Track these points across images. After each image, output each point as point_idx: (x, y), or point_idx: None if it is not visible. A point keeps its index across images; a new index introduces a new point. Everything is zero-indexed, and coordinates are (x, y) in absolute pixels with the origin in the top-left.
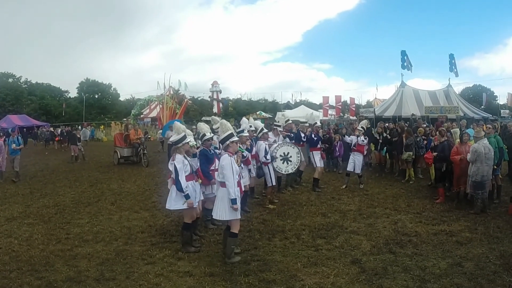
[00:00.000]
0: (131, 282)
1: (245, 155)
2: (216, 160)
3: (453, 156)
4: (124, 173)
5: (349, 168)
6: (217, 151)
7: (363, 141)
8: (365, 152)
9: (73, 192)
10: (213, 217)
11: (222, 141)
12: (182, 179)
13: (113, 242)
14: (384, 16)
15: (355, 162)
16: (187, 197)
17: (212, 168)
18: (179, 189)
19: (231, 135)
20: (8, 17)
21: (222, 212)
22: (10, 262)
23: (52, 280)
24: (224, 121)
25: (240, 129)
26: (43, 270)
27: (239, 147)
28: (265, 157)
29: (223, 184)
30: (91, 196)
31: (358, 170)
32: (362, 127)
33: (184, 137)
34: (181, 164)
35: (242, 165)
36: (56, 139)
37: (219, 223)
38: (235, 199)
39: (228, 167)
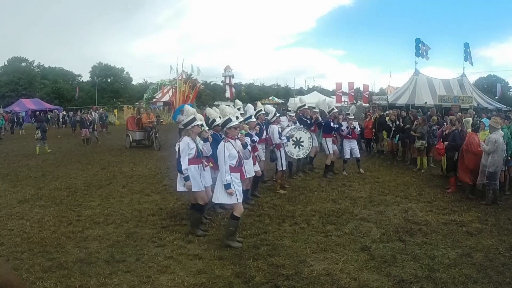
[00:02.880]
0: (141, 264)
1: (255, 140)
2: None
3: (477, 148)
4: (136, 157)
5: (347, 155)
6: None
7: (359, 130)
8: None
9: (85, 175)
10: (212, 200)
11: (222, 126)
12: (184, 161)
13: (123, 225)
14: (398, 3)
15: (352, 148)
16: (186, 179)
17: None
18: (179, 170)
19: (229, 120)
20: (20, 1)
21: (218, 195)
22: (21, 243)
23: (63, 261)
24: (222, 106)
25: (247, 115)
26: (54, 252)
27: (240, 131)
28: (280, 138)
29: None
30: (103, 179)
31: (357, 155)
32: (348, 114)
33: (194, 119)
34: (185, 146)
35: (249, 148)
36: None
37: (229, 207)
38: (228, 184)
39: (221, 153)
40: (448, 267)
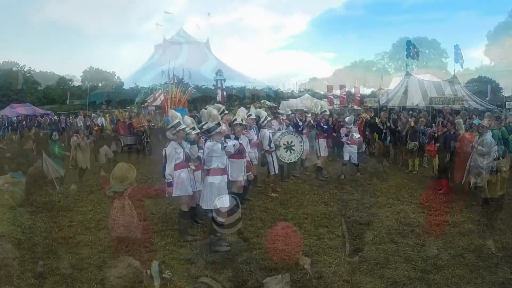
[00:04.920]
0: (133, 270)
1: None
2: None
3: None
4: (127, 161)
5: (346, 157)
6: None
7: (358, 138)
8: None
9: (76, 180)
10: (203, 206)
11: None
12: (169, 166)
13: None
14: (389, 5)
15: (351, 152)
16: (168, 184)
17: None
18: (163, 175)
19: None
20: (10, 6)
21: (209, 201)
22: (13, 249)
23: (54, 267)
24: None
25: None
26: (46, 258)
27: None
28: (269, 146)
29: (208, 172)
30: (94, 184)
31: (354, 160)
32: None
33: (178, 123)
34: (171, 151)
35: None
36: (96, 129)
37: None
38: None
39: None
40: (441, 268)
